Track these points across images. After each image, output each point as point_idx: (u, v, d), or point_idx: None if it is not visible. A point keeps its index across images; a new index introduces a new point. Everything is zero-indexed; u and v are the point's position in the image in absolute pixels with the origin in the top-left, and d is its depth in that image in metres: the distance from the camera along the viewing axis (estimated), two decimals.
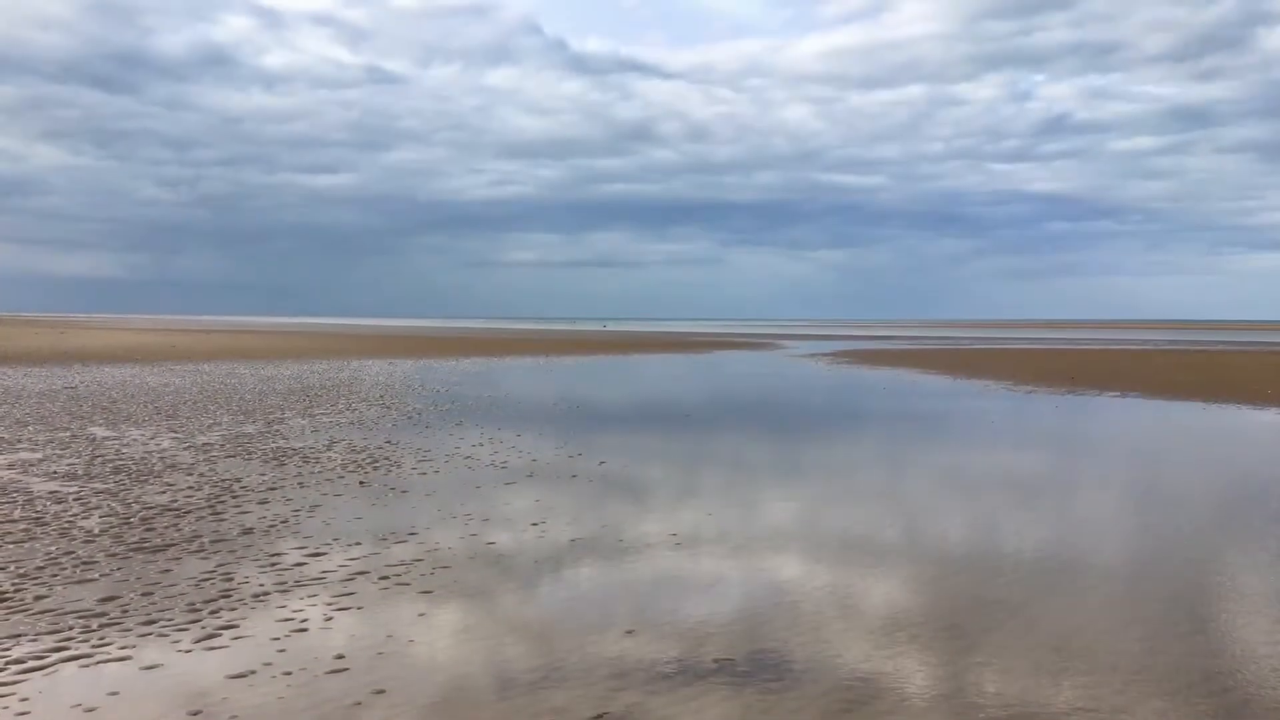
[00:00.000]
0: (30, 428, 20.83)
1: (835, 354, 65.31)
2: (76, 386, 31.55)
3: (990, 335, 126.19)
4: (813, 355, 63.55)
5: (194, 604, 8.80)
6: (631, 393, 34.99)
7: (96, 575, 9.63)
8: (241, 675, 7.15)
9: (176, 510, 12.70)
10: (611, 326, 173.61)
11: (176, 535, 11.35)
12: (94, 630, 8.06)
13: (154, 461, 16.64)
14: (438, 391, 32.31)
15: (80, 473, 15.40)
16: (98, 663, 7.37)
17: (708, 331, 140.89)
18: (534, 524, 12.30)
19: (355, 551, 10.77)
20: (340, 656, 7.56)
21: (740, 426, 24.07)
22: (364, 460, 17.18)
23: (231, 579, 9.60)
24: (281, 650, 7.68)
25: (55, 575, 9.61)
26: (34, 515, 12.26)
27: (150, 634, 8.00)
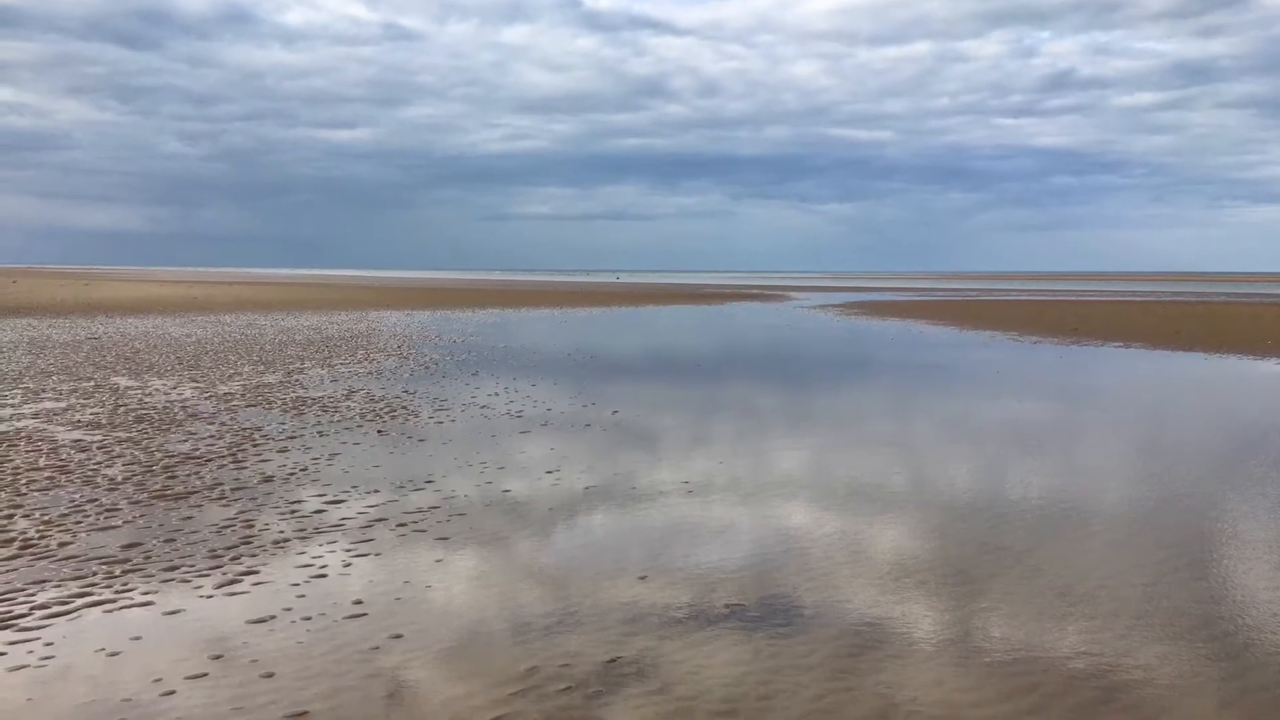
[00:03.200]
0: (55, 377, 20.87)
1: (844, 305, 64.97)
2: (100, 337, 31.60)
3: (995, 287, 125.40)
4: (822, 307, 63.24)
5: (215, 550, 8.80)
6: (644, 343, 34.87)
7: (119, 522, 9.64)
8: (262, 620, 7.15)
9: (198, 458, 12.70)
10: (624, 278, 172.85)
11: (198, 483, 11.36)
12: (117, 576, 8.07)
13: (176, 411, 16.65)
14: (454, 342, 32.26)
15: (104, 421, 15.42)
16: (121, 608, 7.38)
17: (719, 283, 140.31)
18: (549, 472, 12.26)
19: (373, 499, 10.76)
20: (359, 602, 7.55)
21: (751, 376, 23.97)
22: (382, 409, 17.15)
23: (252, 526, 9.60)
24: (301, 596, 7.67)
25: (79, 522, 9.62)
26: (58, 463, 12.28)
27: (172, 580, 8.01)
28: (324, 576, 8.14)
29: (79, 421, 15.44)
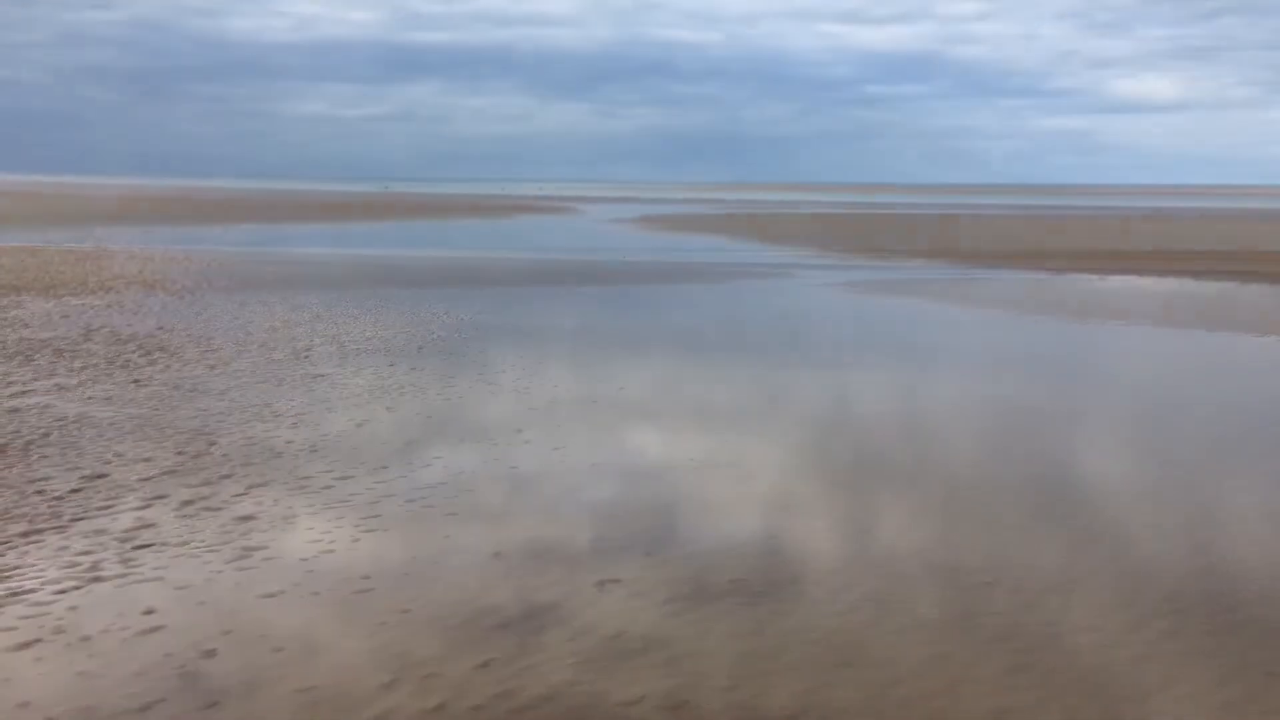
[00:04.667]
0: None
1: (640, 219, 65.09)
2: None
3: (806, 199, 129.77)
4: (616, 220, 63.10)
5: None
6: (424, 265, 33.49)
7: None
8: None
9: None
10: (396, 189, 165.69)
11: None
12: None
13: None
14: (210, 265, 29.57)
15: None
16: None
17: (510, 194, 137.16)
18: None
19: (148, 468, 9.37)
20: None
21: (512, 298, 23.31)
22: (134, 353, 15.26)
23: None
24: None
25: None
26: None
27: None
28: (98, 579, 6.92)
29: None
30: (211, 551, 7.46)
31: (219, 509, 8.37)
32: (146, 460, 9.68)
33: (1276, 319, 21.01)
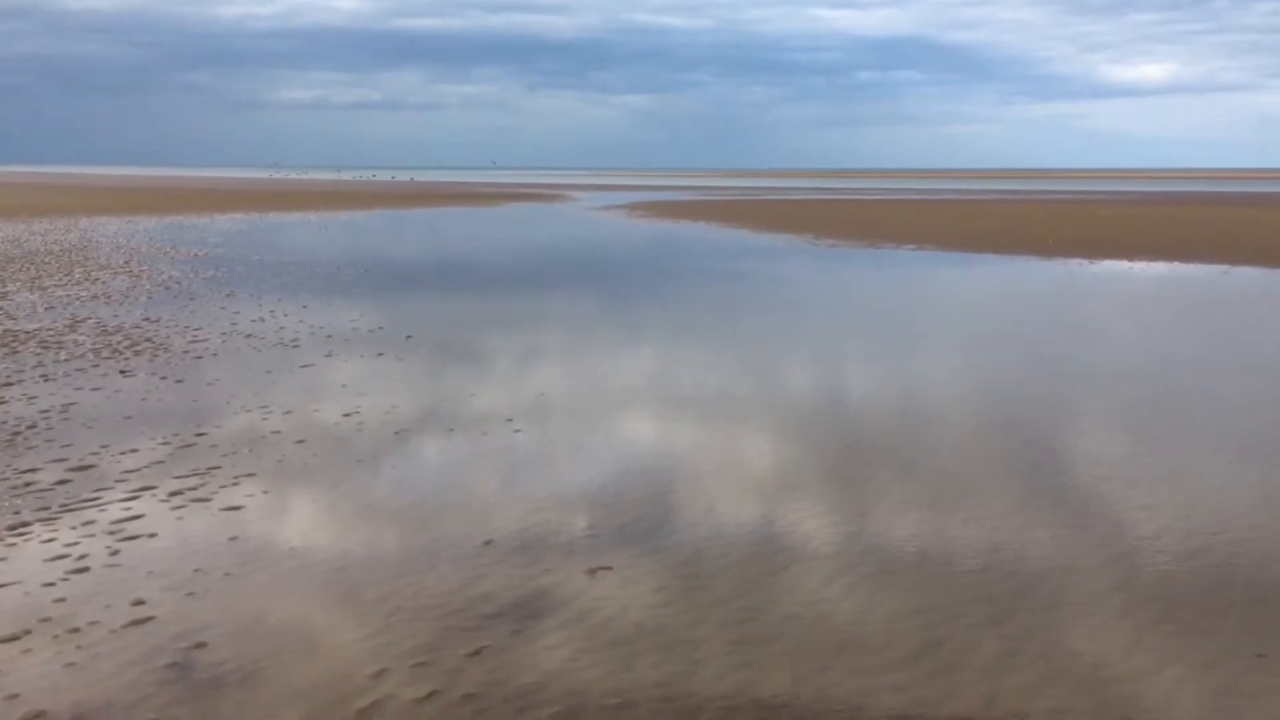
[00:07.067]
0: None
1: (629, 206, 64.97)
2: None
3: (792, 185, 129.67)
4: (607, 208, 62.96)
5: None
6: (416, 253, 33.42)
7: None
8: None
9: None
10: (400, 177, 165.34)
11: None
12: None
13: None
14: (196, 256, 29.49)
15: None
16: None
17: (501, 182, 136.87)
18: (346, 415, 11.14)
19: (133, 461, 9.34)
20: (140, 603, 6.43)
21: (514, 292, 23.30)
22: (121, 343, 15.20)
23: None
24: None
25: None
26: None
27: None
28: (85, 571, 6.90)
29: None
30: (200, 541, 7.44)
31: (208, 500, 8.35)
32: (134, 451, 9.63)
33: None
